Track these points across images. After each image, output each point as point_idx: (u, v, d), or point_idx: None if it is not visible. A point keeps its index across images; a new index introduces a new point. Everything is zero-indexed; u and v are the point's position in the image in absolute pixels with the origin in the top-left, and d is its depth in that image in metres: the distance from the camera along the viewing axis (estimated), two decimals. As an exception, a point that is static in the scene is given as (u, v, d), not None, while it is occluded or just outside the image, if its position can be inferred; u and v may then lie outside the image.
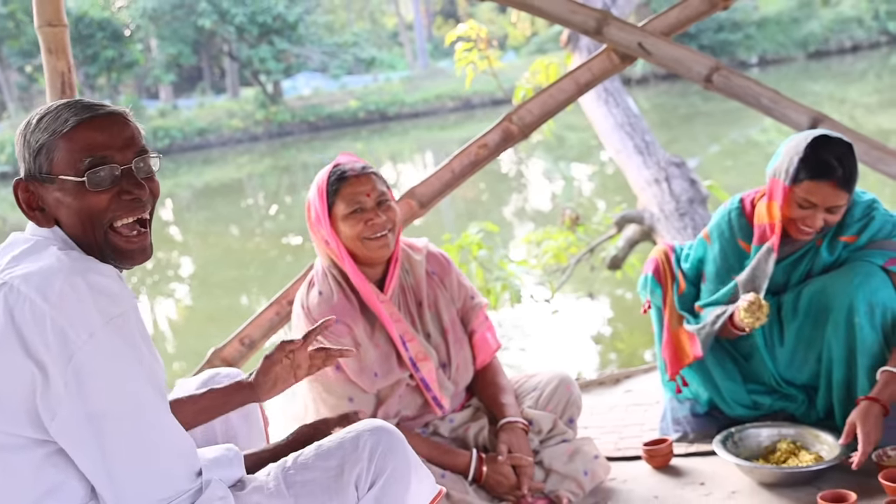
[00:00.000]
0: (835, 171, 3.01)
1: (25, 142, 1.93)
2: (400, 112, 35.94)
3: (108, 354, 1.78)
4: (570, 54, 8.35)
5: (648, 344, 9.13)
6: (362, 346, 3.04)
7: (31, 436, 1.80)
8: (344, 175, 3.03)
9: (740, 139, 21.58)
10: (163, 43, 36.74)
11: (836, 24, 37.52)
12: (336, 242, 3.02)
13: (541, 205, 17.77)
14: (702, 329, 3.29)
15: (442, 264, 3.29)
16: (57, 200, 1.92)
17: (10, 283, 1.80)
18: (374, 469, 2.07)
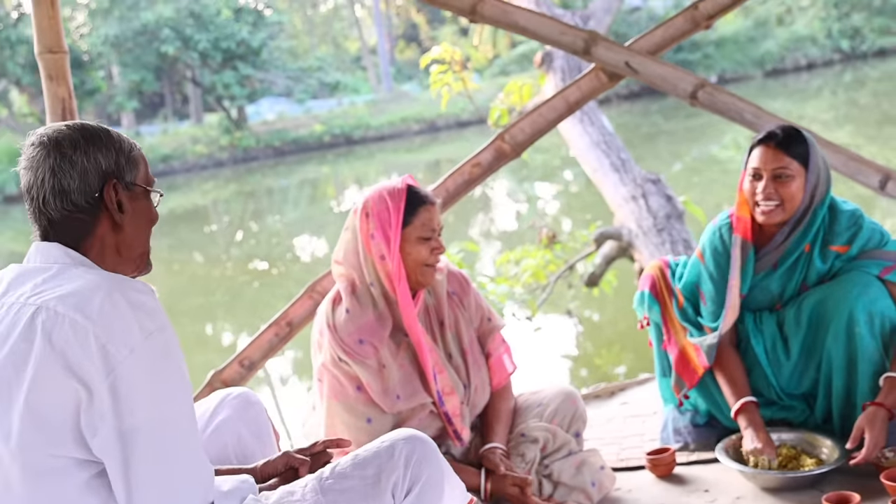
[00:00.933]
0: (774, 135, 3.24)
1: (117, 149, 2.02)
2: (365, 135, 35.96)
3: (148, 370, 1.82)
4: (543, 75, 8.46)
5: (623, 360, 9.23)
6: (387, 367, 3.01)
7: (75, 455, 1.82)
8: (424, 199, 3.03)
9: (702, 156, 21.83)
10: (125, 70, 36.51)
11: (791, 43, 38.08)
12: (398, 262, 2.97)
13: (507, 225, 17.86)
14: (704, 341, 3.38)
15: (462, 284, 3.28)
16: (135, 205, 2.04)
17: (46, 306, 1.82)
18: (410, 476, 2.13)
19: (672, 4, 38.18)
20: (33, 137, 1.99)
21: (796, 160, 3.20)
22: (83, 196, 1.96)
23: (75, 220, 1.97)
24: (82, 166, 1.96)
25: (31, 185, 1.97)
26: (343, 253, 3.08)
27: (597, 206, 15.55)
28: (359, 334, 2.99)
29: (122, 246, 2.01)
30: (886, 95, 27.23)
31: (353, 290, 3.05)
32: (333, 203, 24.95)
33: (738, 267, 3.33)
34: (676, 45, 4.20)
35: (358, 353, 2.97)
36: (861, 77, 32.82)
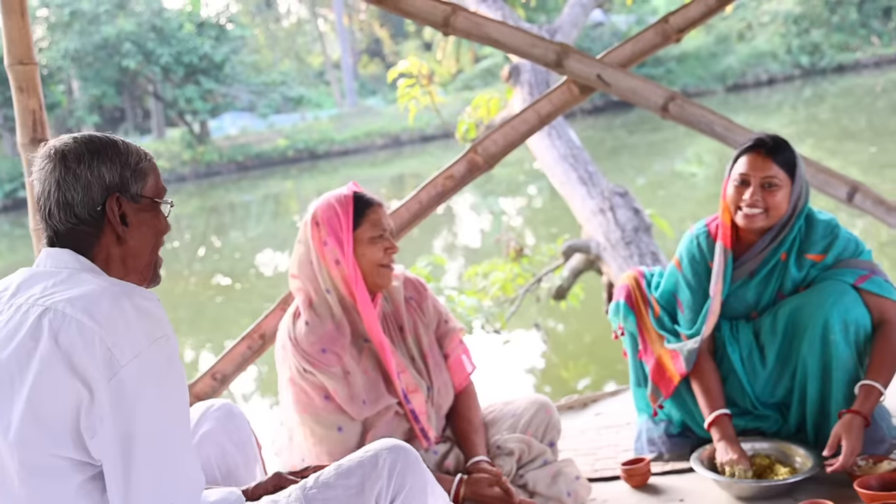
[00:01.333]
0: (763, 142, 3.26)
1: (123, 162, 2.04)
2: (329, 150, 35.92)
3: (150, 376, 1.84)
4: (510, 89, 8.49)
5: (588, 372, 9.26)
6: (351, 373, 3.04)
7: (73, 456, 1.84)
8: (371, 202, 3.09)
9: (664, 171, 22.01)
10: (85, 84, 36.26)
11: (752, 59, 38.55)
12: (353, 265, 3.02)
13: (471, 240, 17.90)
14: (683, 346, 3.40)
15: (418, 289, 3.32)
16: (141, 217, 2.06)
17: (54, 308, 1.86)
18: (393, 486, 2.15)
19: (635, 20, 38.54)
20: (44, 149, 2.04)
21: (783, 170, 3.24)
22: (86, 209, 2.00)
23: (80, 232, 2.01)
24: (86, 179, 2.00)
25: (39, 196, 2.03)
26: (298, 265, 3.12)
27: (561, 220, 15.65)
28: (321, 344, 3.02)
29: (126, 257, 2.04)
30: (846, 111, 27.60)
31: (311, 303, 3.09)
32: (297, 218, 24.87)
33: (720, 273, 3.36)
34: (647, 58, 4.23)
35: (322, 362, 3.01)
36: (821, 92, 33.26)
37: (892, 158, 17.42)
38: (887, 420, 3.27)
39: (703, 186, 19.36)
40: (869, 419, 3.06)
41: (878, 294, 3.22)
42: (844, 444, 2.99)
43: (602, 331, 10.22)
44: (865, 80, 34.92)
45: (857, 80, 35.10)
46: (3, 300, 1.95)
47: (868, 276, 3.23)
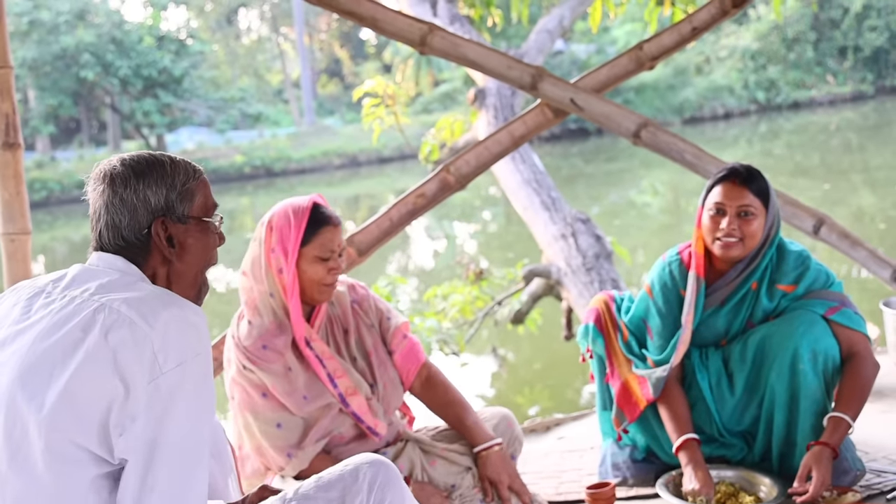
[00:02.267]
0: (737, 172, 3.28)
1: (169, 184, 2.06)
2: (286, 168, 35.81)
3: (189, 385, 1.88)
4: (475, 111, 8.53)
5: (539, 400, 9.28)
6: (293, 370, 3.07)
7: (94, 450, 1.85)
8: (327, 220, 3.07)
9: (619, 200, 22.21)
10: (41, 93, 35.89)
11: (709, 92, 39.11)
12: (293, 277, 3.04)
13: (425, 262, 17.90)
14: (652, 374, 3.40)
15: (359, 293, 3.34)
16: (188, 238, 2.09)
17: (110, 306, 1.90)
18: (373, 500, 2.16)
19: (594, 49, 38.90)
20: (96, 170, 2.08)
21: (758, 198, 3.26)
22: (133, 232, 2.04)
23: (128, 253, 2.04)
24: (132, 204, 2.04)
25: (91, 216, 2.07)
26: (250, 264, 3.13)
27: (516, 246, 15.71)
28: (261, 341, 3.06)
29: (173, 276, 2.08)
30: (800, 147, 28.06)
31: (254, 304, 3.11)
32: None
33: (692, 303, 3.37)
34: (621, 83, 4.27)
35: (262, 358, 3.04)
36: (776, 128, 33.78)
37: (844, 196, 17.72)
38: (852, 452, 3.30)
39: (657, 217, 19.55)
40: (837, 451, 3.08)
41: (847, 326, 3.25)
42: (815, 475, 3.01)
43: (553, 358, 10.26)
44: (820, 117, 35.56)
45: (811, 118, 35.73)
46: (57, 290, 1.98)
47: (838, 307, 3.26)
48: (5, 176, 3.70)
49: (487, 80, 8.16)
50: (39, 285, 2.02)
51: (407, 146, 8.66)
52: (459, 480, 3.19)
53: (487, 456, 3.16)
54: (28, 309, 1.97)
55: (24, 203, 3.76)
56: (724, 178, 3.29)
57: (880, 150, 24.89)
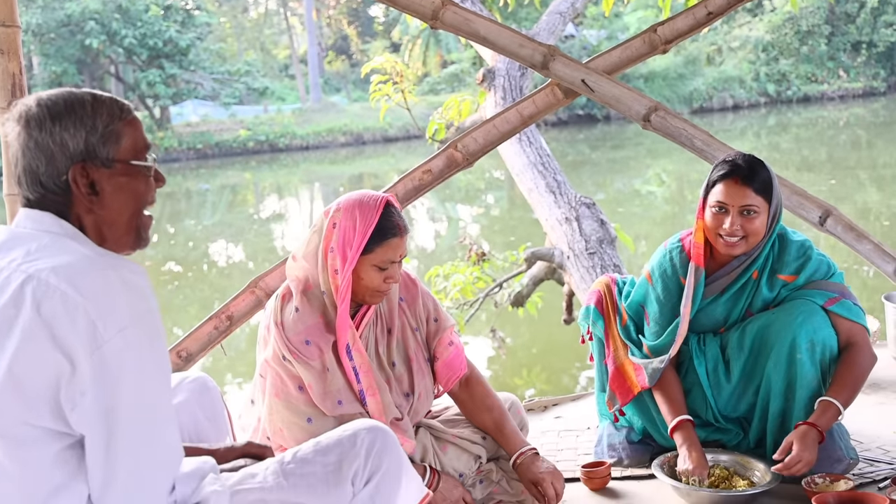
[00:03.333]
0: (740, 169, 3.23)
1: (90, 126, 1.91)
2: (290, 144, 35.80)
3: (134, 351, 1.80)
4: (483, 92, 8.50)
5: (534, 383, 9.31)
6: (330, 371, 2.95)
7: (50, 426, 1.80)
8: (395, 230, 2.89)
9: (624, 188, 22.20)
10: (46, 60, 35.77)
11: (719, 83, 39.02)
12: (347, 283, 2.87)
13: (426, 243, 17.91)
14: (649, 364, 3.42)
15: (410, 290, 3.19)
16: (114, 183, 1.94)
17: (38, 277, 1.79)
18: (370, 466, 2.16)
19: (605, 35, 38.79)
20: (14, 109, 1.94)
21: (760, 195, 3.23)
22: (51, 179, 1.90)
23: (50, 200, 1.91)
24: (48, 148, 1.89)
25: (10, 162, 1.93)
26: (304, 253, 2.99)
27: (518, 230, 15.72)
28: (306, 334, 2.92)
29: (102, 225, 1.94)
30: (807, 142, 28.02)
31: (306, 290, 2.97)
32: (252, 210, 24.74)
33: (690, 295, 3.37)
34: (633, 65, 4.25)
35: (303, 353, 2.91)
36: (784, 122, 33.73)
37: (849, 192, 17.71)
38: (846, 440, 3.31)
39: (661, 207, 19.54)
40: (823, 434, 3.09)
41: (846, 317, 3.26)
42: (794, 449, 3.03)
43: (552, 343, 10.29)
44: (830, 112, 35.50)
45: (821, 113, 35.67)
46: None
47: (838, 298, 3.27)
48: (11, 136, 3.69)
49: (497, 60, 8.13)
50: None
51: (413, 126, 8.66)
52: (468, 469, 3.20)
53: (522, 462, 3.10)
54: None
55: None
56: (726, 175, 3.25)
57: (889, 147, 24.88)
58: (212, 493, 2.02)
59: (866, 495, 2.93)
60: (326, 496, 2.11)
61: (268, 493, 2.07)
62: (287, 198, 27.38)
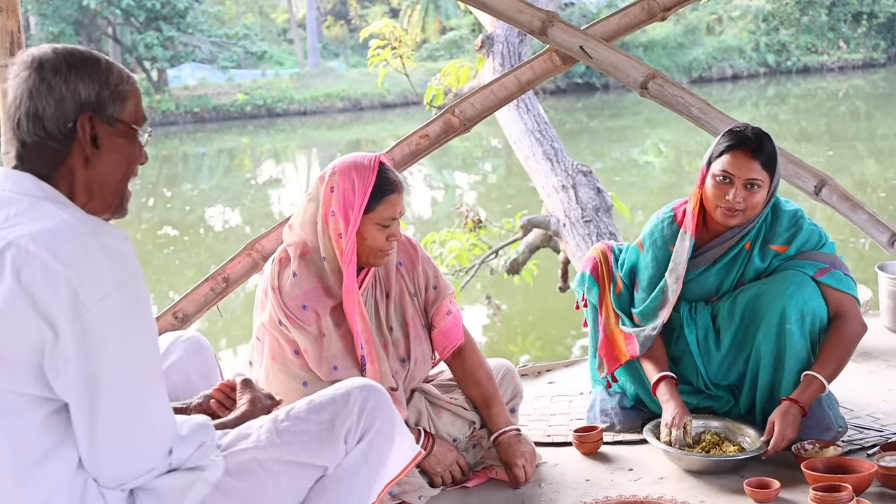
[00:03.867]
0: (749, 141, 3.23)
1: (103, 81, 1.95)
2: (288, 109, 35.67)
3: (117, 318, 1.81)
4: (482, 58, 8.48)
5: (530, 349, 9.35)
6: (326, 336, 2.98)
7: (35, 393, 1.81)
8: (392, 186, 2.94)
9: (622, 157, 22.17)
10: (43, 21, 35.51)
11: (718, 53, 38.87)
12: (352, 245, 2.91)
13: (423, 211, 17.92)
14: (641, 332, 3.44)
15: (410, 255, 3.22)
16: (114, 142, 1.97)
17: (17, 243, 1.79)
18: (363, 424, 2.19)
19: (605, 3, 38.58)
20: (20, 56, 1.95)
21: (766, 170, 3.23)
22: (56, 124, 1.91)
23: (47, 148, 1.92)
24: (59, 93, 1.91)
25: (9, 106, 1.93)
26: (301, 220, 3.02)
27: (515, 198, 15.72)
28: (303, 299, 2.95)
29: (93, 183, 1.96)
30: (806, 113, 27.98)
31: (304, 255, 2.99)
32: (249, 175, 24.71)
33: (683, 265, 3.38)
34: (631, 32, 4.25)
35: (299, 318, 2.94)
36: (784, 92, 33.65)
37: (846, 163, 17.71)
38: (835, 409, 3.35)
39: (658, 176, 19.54)
40: (806, 409, 3.15)
41: (836, 288, 3.28)
42: (776, 429, 3.10)
43: (547, 310, 10.32)
44: (829, 83, 35.40)
45: (820, 83, 35.58)
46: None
47: (828, 269, 3.29)
48: (10, 93, 3.69)
49: (496, 26, 8.11)
50: None
51: (411, 92, 8.65)
52: (462, 434, 3.24)
53: (502, 441, 3.16)
54: None
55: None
56: (735, 146, 3.24)
57: (887, 119, 24.84)
58: (210, 461, 2.04)
59: (854, 461, 2.98)
60: (319, 453, 2.14)
61: (261, 451, 2.11)
62: (284, 163, 27.33)
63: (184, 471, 2.00)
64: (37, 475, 1.83)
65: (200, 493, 2.01)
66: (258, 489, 2.10)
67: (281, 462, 2.12)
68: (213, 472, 2.04)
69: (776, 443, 3.08)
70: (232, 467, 2.08)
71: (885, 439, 3.31)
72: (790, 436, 3.10)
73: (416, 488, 3.03)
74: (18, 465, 1.82)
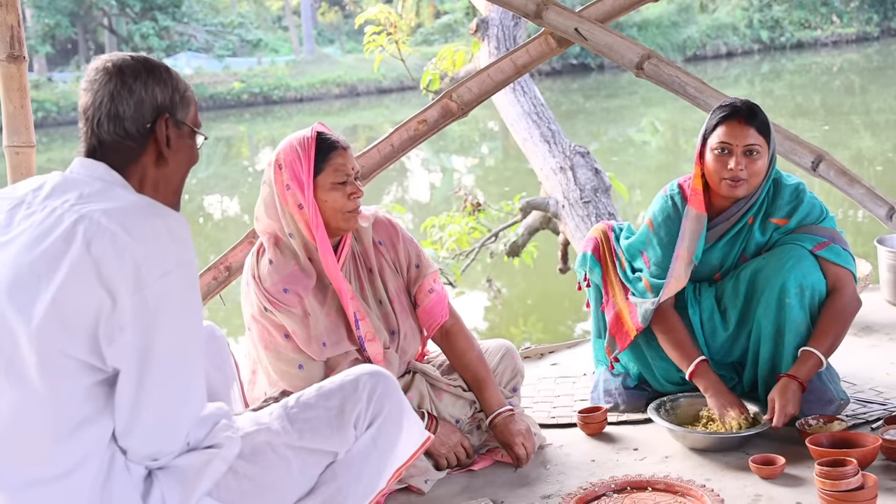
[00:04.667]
0: (741, 110, 3.27)
1: (174, 86, 2.09)
2: (284, 96, 35.61)
3: (175, 295, 1.90)
4: (477, 42, 8.48)
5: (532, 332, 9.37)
6: (312, 315, 3.02)
7: (85, 359, 1.89)
8: (334, 144, 3.02)
9: (618, 137, 22.16)
10: (39, 12, 35.51)
11: (712, 31, 38.81)
12: (314, 209, 2.97)
13: (421, 195, 17.92)
14: (643, 304, 3.45)
15: (390, 234, 3.27)
16: (181, 143, 2.10)
17: (90, 217, 1.90)
18: (371, 410, 2.25)
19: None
20: (98, 62, 2.08)
21: (762, 135, 3.26)
22: (135, 124, 2.04)
23: (124, 146, 2.04)
24: (139, 96, 2.04)
25: (88, 106, 2.05)
26: (263, 208, 3.09)
27: (513, 181, 15.72)
28: (283, 283, 3.00)
29: (161, 180, 2.08)
30: (801, 88, 27.93)
31: (277, 242, 3.06)
32: (247, 163, 24.70)
33: (686, 238, 3.38)
34: (625, 13, 4.26)
35: (283, 302, 3.00)
36: (778, 69, 33.58)
37: (842, 138, 17.70)
38: (835, 383, 3.37)
39: (655, 155, 19.53)
40: (804, 384, 3.16)
41: (834, 262, 3.30)
42: (776, 405, 3.11)
43: (547, 293, 10.34)
44: (823, 58, 35.34)
45: (814, 59, 35.51)
46: (38, 200, 1.98)
47: (826, 243, 3.31)
48: (9, 88, 3.70)
49: (490, 9, 8.11)
50: (19, 196, 2.01)
51: (407, 77, 8.64)
52: (464, 414, 3.26)
53: (497, 423, 3.17)
54: (10, 221, 1.97)
55: (28, 116, 3.77)
56: (728, 116, 3.28)
57: (882, 92, 24.79)
58: (225, 438, 2.10)
59: (858, 435, 2.99)
60: (330, 439, 2.19)
61: (273, 436, 2.17)
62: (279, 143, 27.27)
63: (201, 449, 2.07)
64: (73, 439, 1.91)
65: (218, 471, 2.08)
66: (270, 474, 2.16)
67: (292, 448, 2.19)
68: (230, 450, 2.11)
69: (777, 419, 3.09)
70: (245, 450, 2.16)
71: (888, 413, 3.33)
72: (791, 411, 3.12)
73: (423, 472, 3.06)
74: (58, 425, 1.90)
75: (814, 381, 3.24)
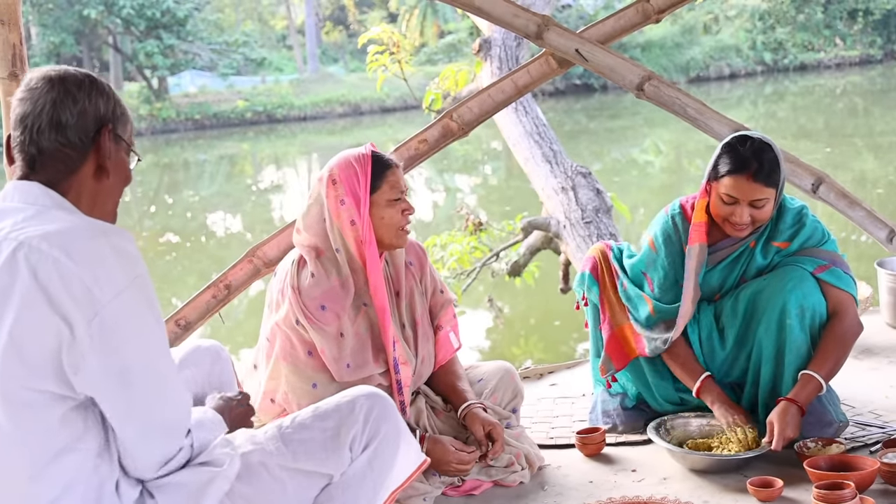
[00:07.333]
0: (750, 164, 3.20)
1: (115, 101, 2.06)
2: (288, 114, 35.74)
3: (132, 312, 1.87)
4: (480, 62, 8.51)
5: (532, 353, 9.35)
6: (345, 335, 3.02)
7: (54, 390, 1.84)
8: (389, 162, 3.05)
9: (621, 158, 22.19)
10: (44, 31, 35.63)
11: (715, 52, 38.94)
12: (368, 226, 2.98)
13: (424, 213, 17.93)
14: (652, 340, 3.45)
15: (419, 256, 3.29)
16: (120, 158, 2.06)
17: (28, 243, 1.84)
18: (368, 432, 2.22)
19: (602, 4, 38.61)
20: (36, 73, 2.03)
21: (770, 186, 3.22)
22: (77, 133, 1.99)
23: (64, 155, 1.98)
24: (83, 105, 2.00)
25: (27, 115, 1.99)
26: (307, 223, 3.07)
27: (515, 200, 15.72)
28: (322, 300, 2.99)
29: (98, 194, 2.03)
30: (804, 110, 27.98)
31: (319, 255, 3.04)
32: (250, 181, 24.74)
33: (692, 277, 3.38)
34: (627, 35, 4.27)
35: (319, 319, 2.98)
36: (781, 90, 33.67)
37: (845, 160, 17.73)
38: (835, 405, 3.36)
39: (658, 176, 19.56)
40: (804, 407, 3.15)
41: (834, 285, 3.29)
42: (775, 429, 3.09)
43: (549, 312, 10.33)
44: (826, 80, 35.42)
45: (817, 81, 35.59)
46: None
47: (827, 266, 3.30)
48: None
49: (493, 29, 8.13)
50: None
51: (410, 96, 8.67)
52: (461, 434, 3.25)
53: (466, 415, 3.16)
54: None
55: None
56: (736, 171, 3.22)
57: (885, 115, 24.83)
58: (224, 455, 2.08)
59: (857, 458, 2.98)
60: (325, 461, 2.17)
61: (268, 456, 2.14)
62: (285, 168, 27.37)
63: (200, 466, 2.04)
64: (52, 470, 1.87)
65: (221, 491, 2.05)
66: (265, 495, 2.13)
67: (287, 469, 2.16)
68: (231, 468, 2.08)
69: (777, 443, 3.08)
70: (241, 470, 2.13)
71: (887, 436, 3.31)
72: (790, 435, 3.10)
73: (421, 493, 3.04)
74: (33, 461, 1.86)
75: (814, 403, 3.23)
